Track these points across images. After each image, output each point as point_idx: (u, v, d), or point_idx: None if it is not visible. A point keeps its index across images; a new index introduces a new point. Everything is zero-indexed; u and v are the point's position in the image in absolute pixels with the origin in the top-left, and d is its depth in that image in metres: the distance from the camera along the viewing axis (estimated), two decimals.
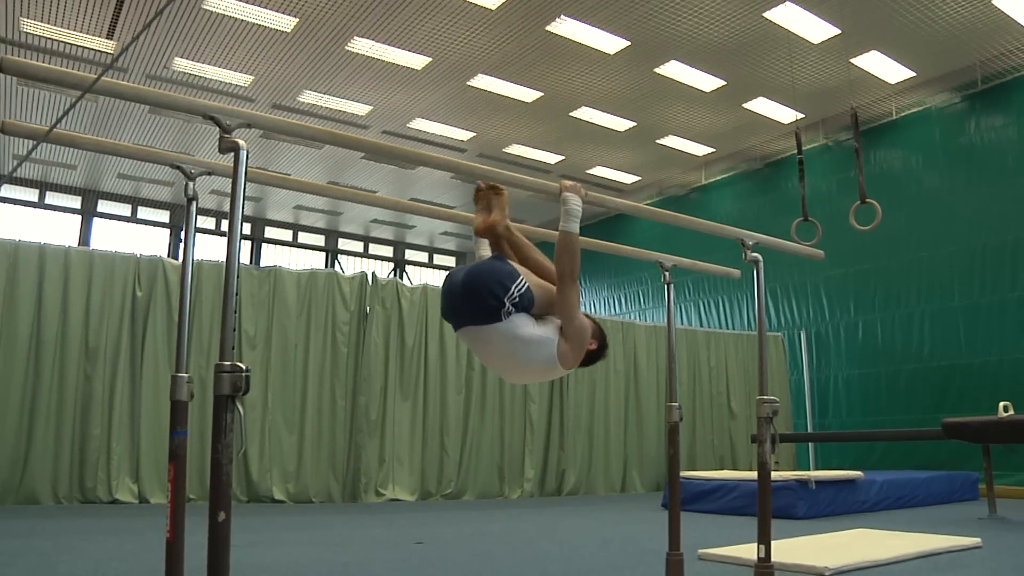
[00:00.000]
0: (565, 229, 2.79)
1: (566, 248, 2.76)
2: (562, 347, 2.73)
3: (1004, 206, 10.63)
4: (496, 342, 2.70)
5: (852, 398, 12.29)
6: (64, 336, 7.59)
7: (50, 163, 14.90)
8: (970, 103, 11.37)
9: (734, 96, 12.21)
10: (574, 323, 2.73)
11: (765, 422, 3.25)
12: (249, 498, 8.10)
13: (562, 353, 2.73)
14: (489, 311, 2.66)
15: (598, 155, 14.80)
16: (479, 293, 2.68)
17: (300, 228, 19.34)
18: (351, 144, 2.62)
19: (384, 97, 12.27)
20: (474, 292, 2.69)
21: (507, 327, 2.67)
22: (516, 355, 2.72)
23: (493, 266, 2.77)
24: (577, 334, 2.75)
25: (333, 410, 8.68)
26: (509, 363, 2.78)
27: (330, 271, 9.17)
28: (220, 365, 1.95)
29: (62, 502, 7.32)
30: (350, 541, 5.50)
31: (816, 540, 5.40)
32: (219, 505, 1.91)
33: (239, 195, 2.08)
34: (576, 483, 10.26)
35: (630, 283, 16.81)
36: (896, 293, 11.83)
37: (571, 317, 2.73)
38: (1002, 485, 9.10)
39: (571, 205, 2.84)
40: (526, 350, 2.70)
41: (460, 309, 2.75)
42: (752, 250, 3.50)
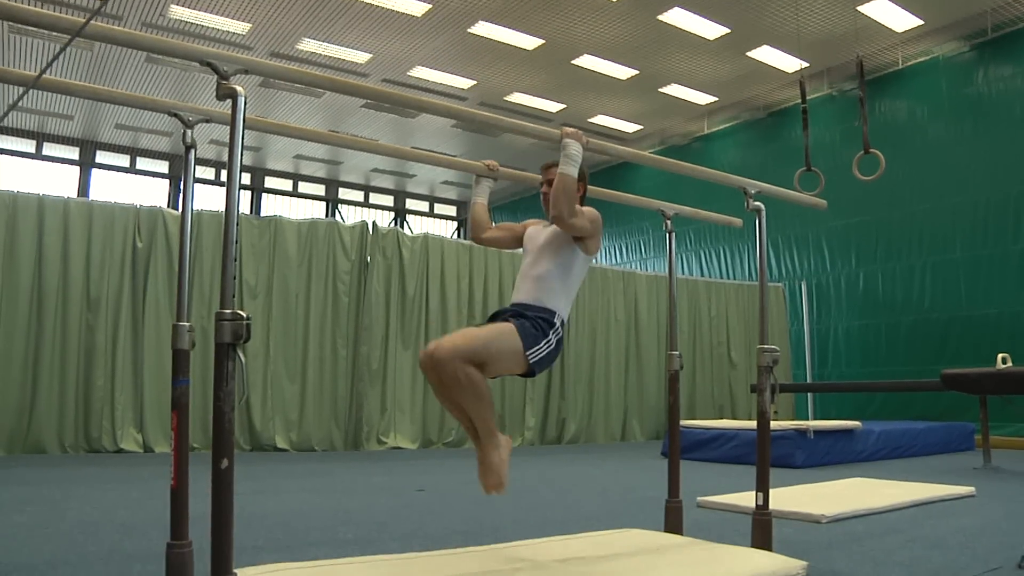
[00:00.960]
0: (563, 171, 2.85)
1: (564, 190, 2.82)
2: (590, 247, 2.98)
3: (1010, 158, 10.53)
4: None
5: (852, 349, 12.33)
6: (65, 287, 7.60)
7: (46, 113, 14.76)
8: (979, 52, 11.19)
9: (738, 44, 12.03)
10: (592, 233, 2.94)
11: (765, 371, 3.25)
12: (252, 447, 8.18)
13: (592, 248, 2.99)
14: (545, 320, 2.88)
15: (600, 104, 14.65)
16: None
17: (300, 178, 19.24)
18: (351, 90, 2.58)
19: (384, 45, 12.10)
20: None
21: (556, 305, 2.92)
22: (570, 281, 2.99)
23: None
24: (594, 231, 2.96)
25: (335, 359, 8.72)
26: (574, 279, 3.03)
27: (331, 221, 9.14)
28: (221, 313, 1.95)
29: (68, 452, 7.40)
30: (352, 489, 5.57)
31: (813, 488, 5.47)
32: (222, 452, 1.93)
33: (237, 142, 2.06)
34: (576, 432, 10.36)
35: (631, 232, 16.76)
36: (898, 245, 11.79)
37: (587, 233, 2.93)
38: (997, 436, 9.18)
39: (571, 150, 2.88)
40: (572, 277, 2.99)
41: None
42: (754, 199, 3.47)
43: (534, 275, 2.95)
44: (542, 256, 2.98)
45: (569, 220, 2.83)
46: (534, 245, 3.06)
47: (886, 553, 3.36)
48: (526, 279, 2.97)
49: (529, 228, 3.21)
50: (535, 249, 3.03)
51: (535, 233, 3.12)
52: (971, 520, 4.27)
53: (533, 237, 3.11)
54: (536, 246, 3.04)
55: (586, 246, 2.96)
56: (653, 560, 2.90)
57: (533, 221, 3.27)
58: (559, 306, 2.91)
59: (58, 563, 2.95)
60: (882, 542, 3.63)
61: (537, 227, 3.17)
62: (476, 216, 3.29)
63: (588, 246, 2.96)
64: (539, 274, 2.94)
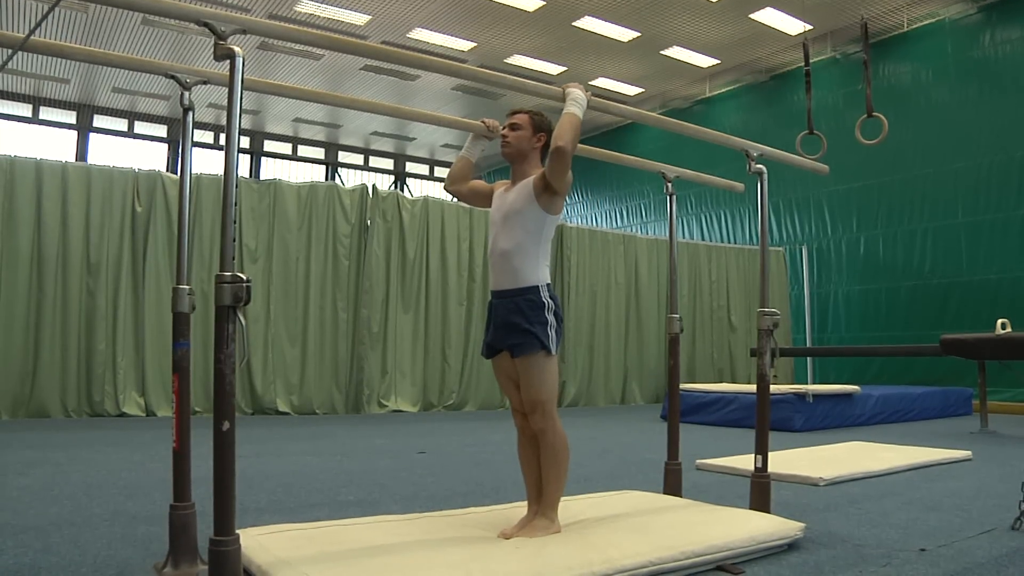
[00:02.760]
0: (569, 111, 2.78)
1: (571, 124, 2.74)
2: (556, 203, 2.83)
3: (1014, 122, 10.43)
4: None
5: (852, 313, 12.34)
6: (65, 252, 7.59)
7: (43, 77, 14.63)
8: (986, 15, 11.04)
9: (741, 6, 11.87)
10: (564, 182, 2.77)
11: (765, 334, 3.26)
12: (254, 410, 8.23)
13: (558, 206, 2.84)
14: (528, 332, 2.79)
15: (601, 66, 14.50)
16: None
17: (299, 141, 19.12)
18: (349, 49, 2.56)
19: (383, 6, 11.95)
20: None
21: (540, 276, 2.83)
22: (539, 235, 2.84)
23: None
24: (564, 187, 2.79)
25: (335, 322, 8.74)
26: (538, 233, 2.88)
27: (330, 184, 9.10)
28: (220, 276, 1.95)
29: (71, 415, 7.44)
30: (353, 451, 5.61)
31: (811, 452, 5.51)
32: (223, 414, 1.94)
33: (236, 104, 2.04)
34: (576, 395, 10.41)
35: (632, 196, 16.70)
36: (899, 209, 11.75)
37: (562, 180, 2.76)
38: (995, 401, 9.22)
39: (575, 95, 2.83)
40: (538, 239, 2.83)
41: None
42: (756, 162, 3.45)
43: (505, 250, 2.82)
44: (508, 225, 2.84)
45: (565, 153, 2.69)
46: (499, 214, 2.91)
47: (883, 515, 3.39)
48: (499, 257, 2.85)
49: (496, 190, 3.05)
50: (501, 219, 2.89)
51: (500, 200, 2.96)
52: (967, 483, 4.31)
53: (498, 205, 2.95)
54: (502, 215, 2.89)
55: (554, 205, 2.81)
56: (652, 521, 2.93)
57: (501, 183, 3.10)
58: (539, 275, 2.81)
59: (63, 524, 2.98)
60: (879, 504, 3.66)
61: (501, 191, 3.00)
62: (458, 167, 3.16)
63: (555, 204, 2.82)
64: (510, 248, 2.81)
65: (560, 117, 2.77)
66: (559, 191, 2.79)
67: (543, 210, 2.80)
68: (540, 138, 2.90)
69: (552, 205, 2.81)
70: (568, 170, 2.75)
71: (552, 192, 2.78)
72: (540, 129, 2.90)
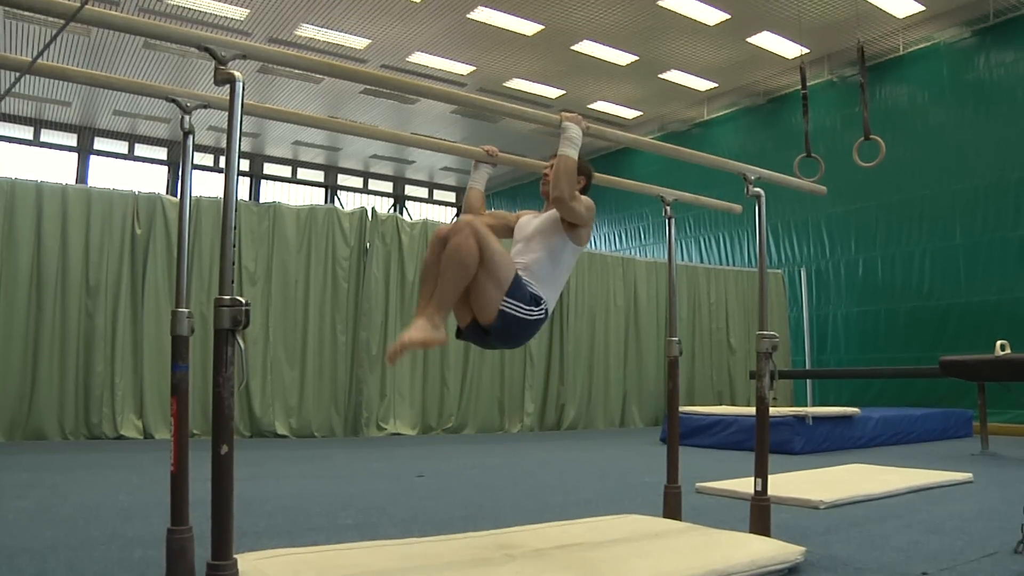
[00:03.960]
0: (564, 153, 2.84)
1: (565, 171, 2.81)
2: (582, 235, 2.97)
3: (1011, 144, 10.49)
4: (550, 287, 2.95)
5: (851, 335, 12.34)
6: (64, 273, 7.60)
7: (44, 100, 14.71)
8: (980, 38, 11.13)
9: (738, 30, 11.98)
10: (586, 220, 2.92)
11: (764, 357, 3.26)
12: (252, 433, 8.20)
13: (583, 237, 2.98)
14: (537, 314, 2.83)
15: (599, 89, 14.60)
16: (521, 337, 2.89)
17: (299, 164, 19.19)
18: (349, 75, 2.57)
19: (382, 30, 12.04)
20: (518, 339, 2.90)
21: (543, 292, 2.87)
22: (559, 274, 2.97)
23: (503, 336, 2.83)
24: (588, 219, 2.94)
25: (334, 345, 8.73)
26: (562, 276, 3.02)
27: (330, 207, 9.13)
28: (220, 299, 1.95)
29: (68, 438, 7.42)
30: (352, 474, 5.59)
31: (812, 475, 5.48)
32: (222, 437, 1.93)
33: (236, 128, 2.05)
34: (576, 417, 10.38)
35: (631, 218, 16.74)
36: (897, 231, 11.78)
37: (583, 220, 2.92)
38: (995, 422, 9.19)
39: (571, 133, 2.88)
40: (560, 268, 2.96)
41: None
42: (754, 185, 3.46)
43: (522, 263, 2.90)
44: (532, 243, 2.95)
45: (570, 202, 2.82)
46: (523, 234, 3.02)
47: (884, 538, 3.38)
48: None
49: (521, 218, 3.17)
50: (524, 238, 3.00)
51: (526, 223, 3.08)
52: (968, 506, 4.29)
53: (523, 227, 3.07)
54: (525, 235, 3.00)
55: (578, 235, 2.95)
56: (652, 545, 2.92)
57: (526, 212, 3.23)
58: (546, 294, 2.88)
59: (60, 547, 2.96)
60: (880, 527, 3.64)
61: (528, 217, 3.13)
62: (470, 202, 3.24)
63: (580, 235, 2.95)
64: (527, 262, 2.90)
65: (556, 160, 2.85)
66: (580, 223, 2.93)
67: (567, 235, 2.93)
68: (580, 180, 2.99)
69: (576, 235, 2.95)
70: (577, 208, 2.86)
71: (578, 223, 2.93)
72: (580, 172, 2.98)
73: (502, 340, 2.85)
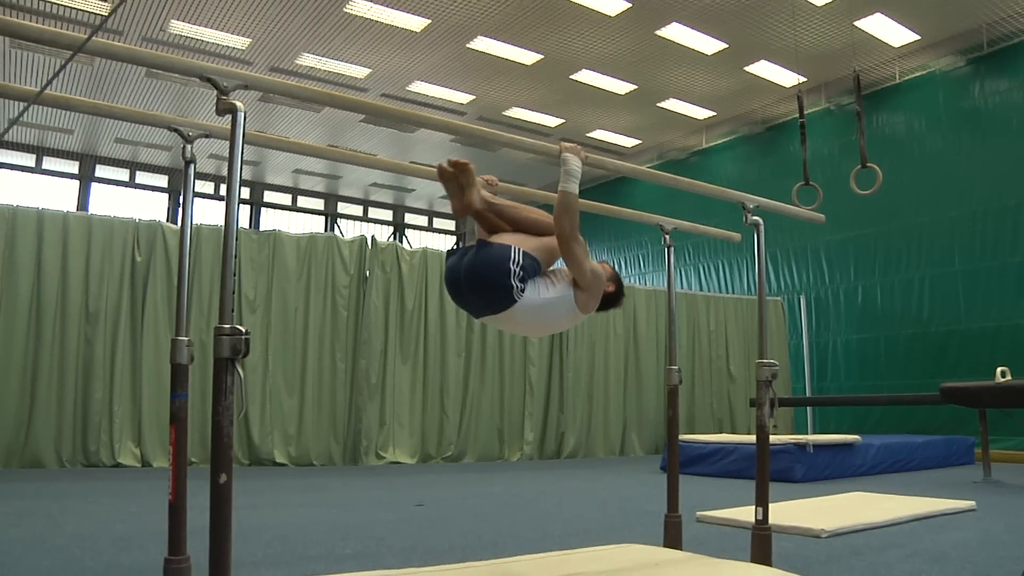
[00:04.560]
0: (564, 189, 2.79)
1: (566, 208, 2.75)
2: (580, 297, 2.80)
3: (1007, 170, 10.56)
4: (518, 318, 2.76)
5: (851, 362, 12.32)
6: (64, 300, 7.60)
7: (46, 128, 14.80)
8: (975, 66, 11.23)
9: (736, 59, 12.09)
10: (586, 274, 2.77)
11: (764, 385, 3.26)
12: (251, 461, 8.16)
13: (581, 303, 2.81)
14: (502, 297, 2.69)
15: (598, 118, 14.70)
16: (485, 287, 2.70)
17: (299, 192, 19.26)
18: (350, 106, 2.60)
19: (383, 60, 12.15)
20: (480, 287, 2.72)
21: (524, 303, 2.70)
22: (540, 319, 2.81)
23: (485, 257, 2.73)
24: (591, 282, 2.80)
25: (333, 373, 8.71)
26: (534, 328, 2.93)
27: (329, 235, 9.16)
28: (220, 328, 1.95)
29: (66, 465, 7.38)
30: (351, 503, 5.56)
31: (813, 503, 5.46)
32: (220, 466, 1.93)
33: (237, 157, 2.07)
34: (575, 446, 10.33)
35: (630, 247, 16.78)
36: (896, 257, 11.81)
37: (581, 270, 2.76)
38: (997, 449, 9.16)
39: (570, 166, 2.84)
40: (547, 312, 2.78)
41: (474, 304, 2.80)
42: (753, 213, 3.48)
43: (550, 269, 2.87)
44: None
45: (570, 242, 2.72)
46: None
47: (886, 567, 3.35)
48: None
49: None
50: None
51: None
52: (972, 534, 4.27)
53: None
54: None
55: (581, 297, 2.80)
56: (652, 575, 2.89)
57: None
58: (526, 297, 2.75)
59: None
60: (882, 556, 3.62)
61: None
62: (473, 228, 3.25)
63: (580, 297, 2.80)
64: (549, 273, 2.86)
65: (557, 195, 2.78)
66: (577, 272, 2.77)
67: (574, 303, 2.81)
68: (610, 285, 2.97)
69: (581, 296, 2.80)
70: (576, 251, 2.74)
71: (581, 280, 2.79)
72: (610, 279, 2.99)
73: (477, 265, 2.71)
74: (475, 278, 2.71)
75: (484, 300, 2.73)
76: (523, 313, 2.72)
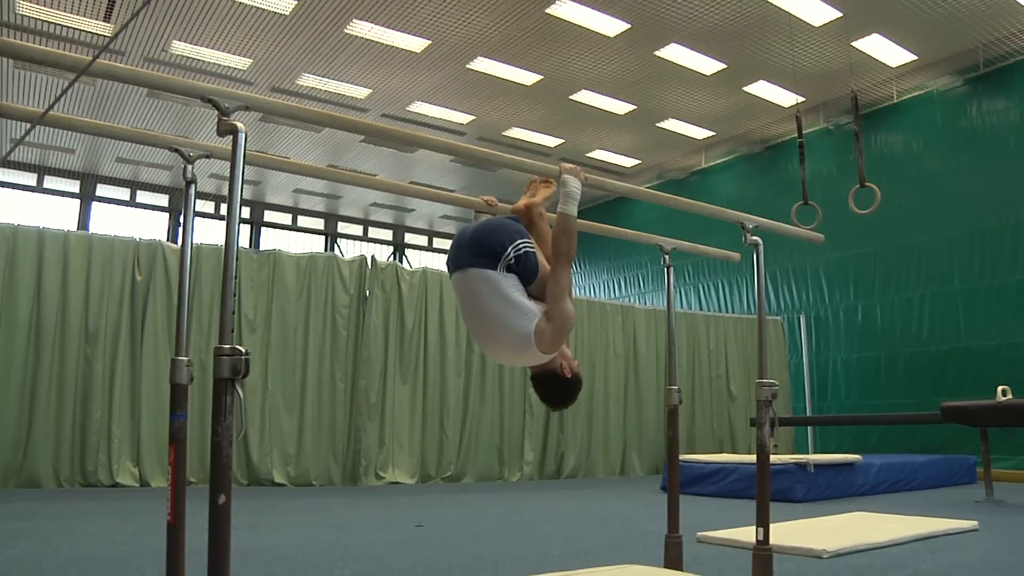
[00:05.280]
0: (564, 211, 2.79)
1: (564, 229, 2.74)
2: (541, 325, 2.63)
3: (1005, 189, 10.60)
4: (484, 293, 2.69)
5: (851, 381, 12.31)
6: (64, 319, 7.60)
7: (48, 147, 14.85)
8: (972, 86, 11.30)
9: (734, 79, 12.16)
10: (561, 304, 2.65)
11: (764, 405, 3.25)
12: (250, 481, 8.13)
13: (539, 331, 2.63)
14: (490, 255, 2.69)
15: (598, 138, 14.76)
16: (488, 237, 2.74)
17: (299, 212, 19.30)
18: (350, 127, 2.61)
19: (383, 80, 12.21)
20: (483, 236, 2.76)
21: (500, 279, 2.67)
22: (497, 314, 2.67)
23: (508, 223, 2.82)
24: (560, 317, 2.65)
25: (333, 393, 8.70)
26: (489, 323, 2.72)
27: (329, 254, 9.17)
28: (220, 348, 1.95)
29: (63, 485, 7.35)
30: (350, 523, 5.53)
31: (814, 523, 5.43)
32: (219, 487, 1.92)
33: (238, 178, 2.07)
34: (575, 466, 10.29)
35: (630, 266, 16.80)
36: (896, 276, 11.82)
37: (559, 297, 2.66)
38: (999, 469, 9.13)
39: (570, 187, 2.85)
40: (508, 312, 2.66)
41: (464, 248, 2.78)
42: (752, 233, 3.49)
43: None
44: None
45: (562, 264, 2.69)
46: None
47: None
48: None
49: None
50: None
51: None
52: (975, 555, 4.25)
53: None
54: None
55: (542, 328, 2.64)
56: None
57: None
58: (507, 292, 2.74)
59: None
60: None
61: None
62: None
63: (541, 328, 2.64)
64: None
65: (557, 216, 2.79)
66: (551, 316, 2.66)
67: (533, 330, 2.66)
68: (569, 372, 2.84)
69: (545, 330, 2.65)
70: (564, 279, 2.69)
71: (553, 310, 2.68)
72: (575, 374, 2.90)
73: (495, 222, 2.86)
74: (487, 227, 2.80)
75: (476, 248, 2.73)
76: (490, 289, 2.67)
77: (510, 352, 2.75)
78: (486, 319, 2.72)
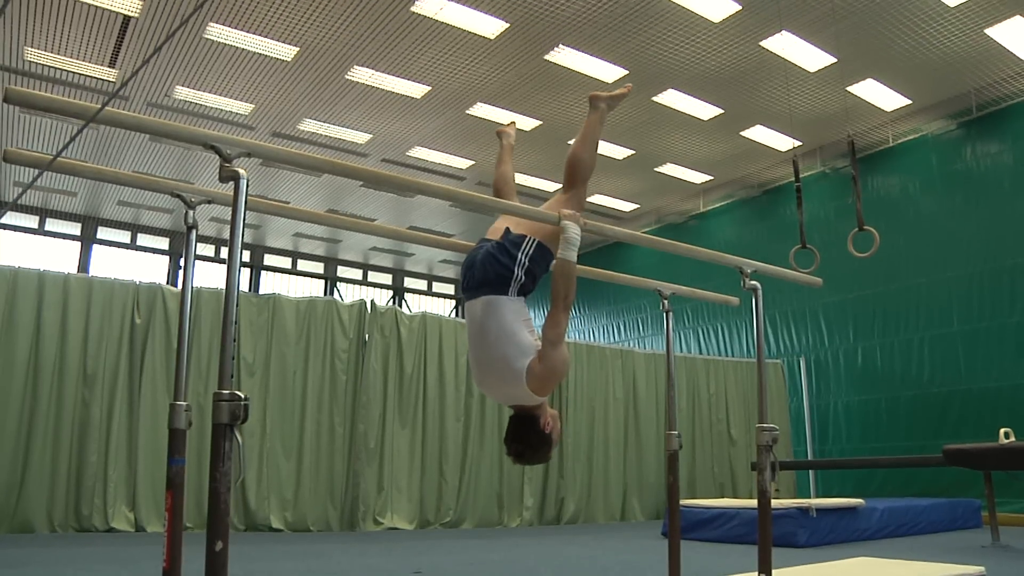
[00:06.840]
0: (564, 257, 2.83)
1: (564, 274, 2.80)
2: (535, 366, 2.71)
3: (1002, 231, 10.67)
4: (492, 327, 2.78)
5: (852, 424, 12.25)
6: (62, 362, 7.57)
7: (51, 190, 14.96)
8: (966, 130, 11.44)
9: (732, 124, 12.29)
10: (556, 348, 2.72)
11: (765, 450, 3.24)
12: (247, 526, 8.03)
13: (531, 369, 2.71)
14: (500, 280, 2.81)
15: (597, 183, 14.86)
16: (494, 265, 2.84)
17: (299, 256, 19.37)
18: (350, 173, 2.64)
19: (384, 125, 12.34)
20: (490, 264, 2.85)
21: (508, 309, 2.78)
22: (498, 345, 2.76)
23: (507, 242, 2.92)
24: (552, 361, 2.71)
25: (331, 437, 8.64)
26: (488, 353, 2.80)
27: (329, 299, 9.17)
28: (219, 394, 1.95)
29: (57, 530, 7.26)
30: (348, 570, 5.46)
31: (817, 569, 5.36)
32: (217, 534, 1.91)
33: (239, 224, 2.09)
34: (575, 511, 10.19)
35: (629, 311, 16.81)
36: (895, 319, 11.83)
37: (555, 342, 2.72)
38: (1005, 512, 9.04)
39: (570, 234, 2.88)
40: (507, 343, 2.75)
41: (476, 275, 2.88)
42: (751, 278, 3.51)
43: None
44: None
45: (561, 308, 2.75)
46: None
47: None
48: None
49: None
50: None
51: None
52: None
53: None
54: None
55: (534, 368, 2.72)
56: None
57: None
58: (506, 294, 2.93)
59: None
60: None
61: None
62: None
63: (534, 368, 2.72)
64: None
65: (556, 262, 2.86)
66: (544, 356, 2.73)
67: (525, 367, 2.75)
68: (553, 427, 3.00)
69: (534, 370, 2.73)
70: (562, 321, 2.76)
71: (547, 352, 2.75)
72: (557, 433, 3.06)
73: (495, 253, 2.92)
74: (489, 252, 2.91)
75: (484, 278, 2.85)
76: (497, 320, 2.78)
77: (500, 383, 2.82)
78: (488, 349, 2.81)
